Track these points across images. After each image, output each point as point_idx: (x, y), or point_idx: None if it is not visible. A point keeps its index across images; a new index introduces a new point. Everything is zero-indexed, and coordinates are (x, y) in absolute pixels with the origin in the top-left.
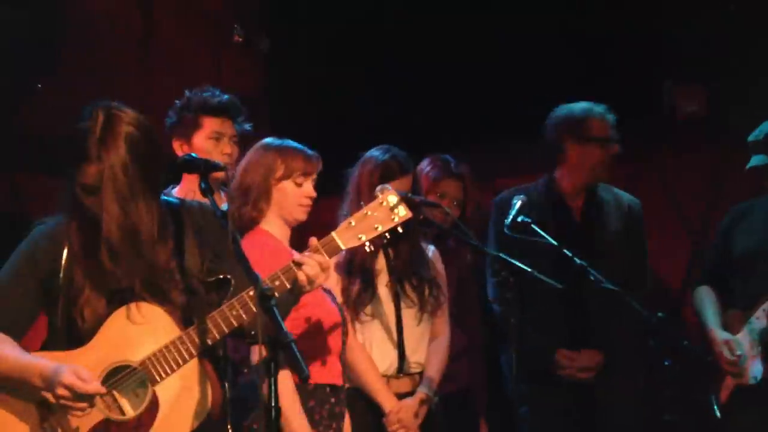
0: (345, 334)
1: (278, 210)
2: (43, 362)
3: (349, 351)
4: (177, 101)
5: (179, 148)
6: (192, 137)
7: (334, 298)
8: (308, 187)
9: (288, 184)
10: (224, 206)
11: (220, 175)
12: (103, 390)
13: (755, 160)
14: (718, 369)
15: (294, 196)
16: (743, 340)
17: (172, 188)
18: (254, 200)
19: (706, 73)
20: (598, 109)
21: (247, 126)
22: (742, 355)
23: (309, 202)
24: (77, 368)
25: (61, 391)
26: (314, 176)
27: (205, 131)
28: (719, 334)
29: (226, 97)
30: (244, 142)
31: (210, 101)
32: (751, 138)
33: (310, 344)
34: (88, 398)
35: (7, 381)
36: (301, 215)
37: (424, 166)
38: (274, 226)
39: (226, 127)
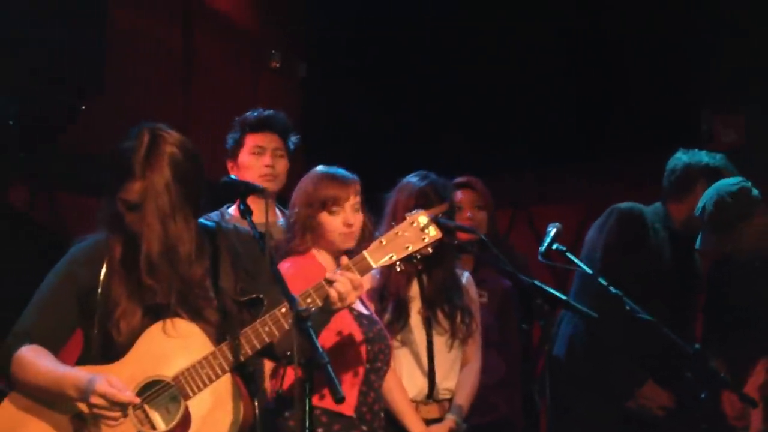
0: (385, 362)
1: (322, 242)
2: (77, 372)
3: None
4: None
5: (231, 169)
6: (238, 155)
7: (371, 325)
8: (345, 215)
9: (325, 216)
10: (281, 221)
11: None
12: (137, 400)
13: (698, 242)
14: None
15: (332, 226)
16: (749, 392)
17: (228, 207)
18: (301, 232)
19: (745, 101)
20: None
21: (292, 138)
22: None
23: (348, 229)
24: (111, 377)
25: (95, 400)
26: (352, 201)
27: (247, 147)
28: (723, 388)
29: (266, 112)
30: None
31: (248, 118)
32: (696, 213)
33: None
34: (122, 407)
35: (42, 392)
36: (345, 243)
37: None
38: (323, 255)
39: (268, 141)
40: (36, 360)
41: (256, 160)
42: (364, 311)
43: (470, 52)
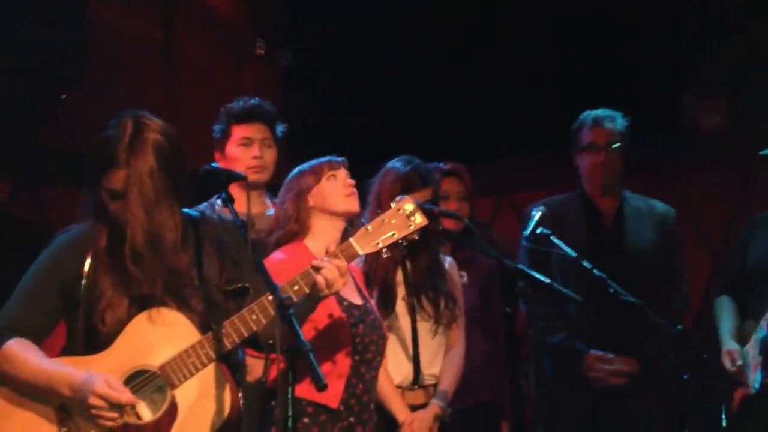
0: (378, 353)
1: (326, 213)
2: (70, 371)
3: None
4: None
5: (219, 161)
6: (225, 147)
7: (362, 316)
8: (343, 178)
9: (323, 184)
10: (270, 212)
11: (255, 179)
12: (136, 401)
13: None
14: (731, 380)
15: (333, 189)
16: (750, 350)
17: (217, 198)
18: (295, 216)
19: (727, 85)
20: (592, 115)
21: (280, 128)
22: (745, 364)
23: (351, 189)
24: (109, 378)
25: (94, 401)
26: (345, 171)
27: (234, 139)
28: (724, 345)
29: (250, 102)
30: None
31: (234, 109)
32: None
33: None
34: (120, 408)
35: (31, 388)
36: (351, 206)
37: None
38: (323, 236)
39: (255, 131)
40: (24, 355)
41: (244, 152)
42: (357, 301)
43: (456, 38)
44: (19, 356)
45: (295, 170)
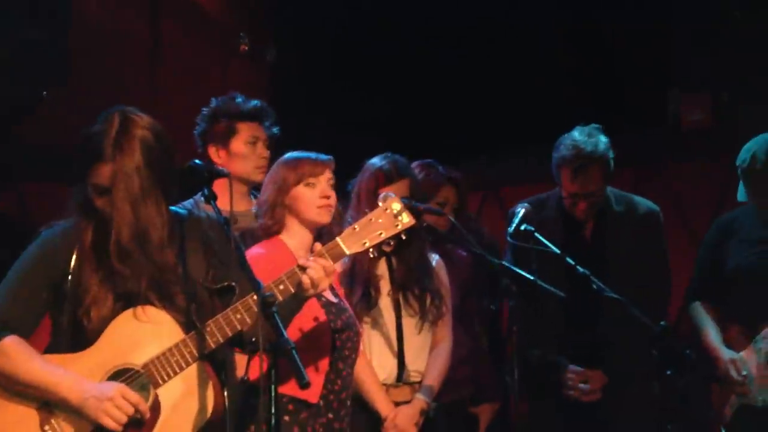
0: (354, 350)
1: (297, 217)
2: (81, 381)
3: None
4: (204, 109)
5: (215, 155)
6: (229, 143)
7: (339, 313)
8: (321, 187)
9: (301, 189)
10: (254, 209)
11: (261, 179)
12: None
13: (743, 194)
14: (721, 386)
15: (309, 198)
16: (749, 359)
17: (201, 195)
18: (271, 211)
19: (711, 81)
20: (575, 162)
21: (275, 130)
22: (749, 374)
23: (326, 201)
24: (125, 391)
25: (116, 395)
26: (328, 176)
27: (242, 136)
28: (724, 353)
29: (257, 102)
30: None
31: (244, 107)
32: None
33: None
34: (137, 414)
35: (26, 388)
36: (322, 217)
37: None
38: (295, 236)
39: (260, 131)
40: (26, 355)
41: (252, 151)
42: (333, 299)
43: (444, 38)
44: (22, 357)
45: (284, 159)
